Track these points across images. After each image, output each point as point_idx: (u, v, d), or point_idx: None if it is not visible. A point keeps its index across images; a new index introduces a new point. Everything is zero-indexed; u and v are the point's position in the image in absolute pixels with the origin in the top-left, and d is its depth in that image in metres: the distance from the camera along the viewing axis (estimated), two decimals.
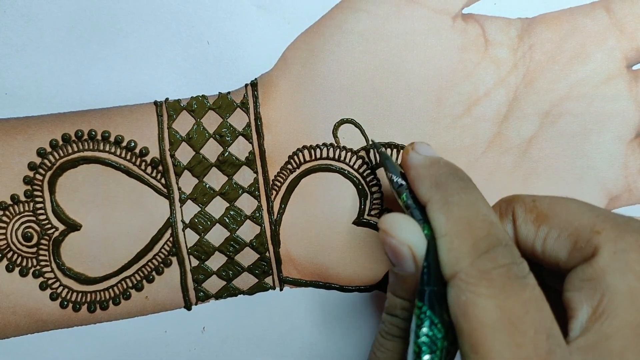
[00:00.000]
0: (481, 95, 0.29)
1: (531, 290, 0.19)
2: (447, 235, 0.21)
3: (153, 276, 0.30)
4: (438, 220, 0.21)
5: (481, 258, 0.20)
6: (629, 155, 0.29)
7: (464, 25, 0.29)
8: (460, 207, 0.21)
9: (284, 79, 0.29)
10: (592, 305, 0.20)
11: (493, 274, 0.19)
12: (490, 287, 0.19)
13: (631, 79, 0.29)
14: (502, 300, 0.19)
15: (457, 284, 0.20)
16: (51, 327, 0.30)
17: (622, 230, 0.21)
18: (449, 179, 0.22)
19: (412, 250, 0.21)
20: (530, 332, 0.19)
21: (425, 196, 0.22)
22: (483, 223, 0.21)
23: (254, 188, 0.30)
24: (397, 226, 0.22)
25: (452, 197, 0.21)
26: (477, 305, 0.19)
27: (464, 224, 0.21)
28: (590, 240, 0.21)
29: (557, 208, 0.23)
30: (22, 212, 0.29)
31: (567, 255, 0.22)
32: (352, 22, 0.28)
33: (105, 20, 0.29)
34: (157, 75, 0.29)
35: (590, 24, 0.28)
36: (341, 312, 0.31)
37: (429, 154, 0.24)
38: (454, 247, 0.20)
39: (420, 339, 0.20)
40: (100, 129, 0.29)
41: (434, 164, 0.23)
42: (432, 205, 0.22)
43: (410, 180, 0.24)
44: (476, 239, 0.20)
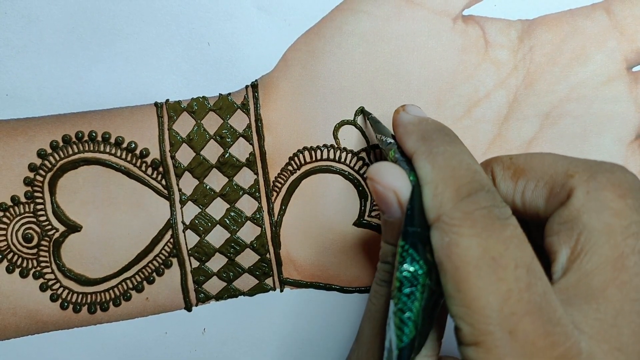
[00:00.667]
0: (481, 96, 0.29)
1: (512, 229, 0.20)
2: (432, 181, 0.21)
3: (153, 277, 0.30)
4: (423, 168, 0.22)
5: (464, 201, 0.20)
6: (629, 156, 0.29)
7: (465, 27, 0.29)
8: (445, 157, 0.22)
9: (284, 80, 0.29)
10: (570, 246, 0.21)
11: (475, 214, 0.20)
12: (473, 227, 0.19)
13: (631, 81, 0.29)
14: (484, 239, 0.19)
15: (440, 226, 0.20)
16: (51, 328, 0.30)
17: (595, 171, 0.21)
18: (435, 133, 0.23)
19: (397, 195, 0.22)
20: (510, 266, 0.19)
21: (411, 149, 0.23)
22: (467, 171, 0.21)
23: (254, 189, 0.30)
24: (383, 172, 0.22)
25: (437, 148, 0.22)
26: (460, 244, 0.19)
27: (448, 171, 0.21)
28: (565, 184, 0.22)
29: (533, 161, 0.23)
30: (23, 213, 0.29)
31: (545, 203, 0.22)
32: (352, 23, 0.28)
33: (106, 22, 0.29)
34: (158, 77, 0.29)
35: (590, 26, 0.28)
36: (341, 314, 0.31)
37: (418, 114, 0.25)
38: (438, 192, 0.21)
39: (401, 274, 0.20)
40: (101, 130, 0.29)
41: (422, 121, 0.24)
42: (418, 156, 0.22)
43: (399, 136, 0.24)
44: (460, 184, 0.21)
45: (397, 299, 0.20)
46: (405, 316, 0.20)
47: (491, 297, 0.19)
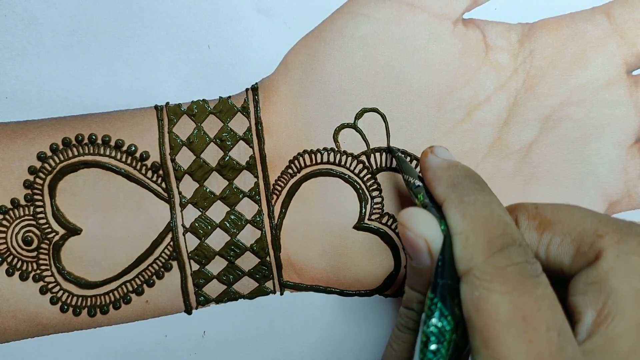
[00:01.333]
0: (482, 100, 0.29)
1: (544, 288, 0.20)
2: (463, 232, 0.21)
3: (153, 280, 0.30)
4: (454, 217, 0.21)
5: (496, 255, 0.20)
6: (628, 160, 0.29)
7: (465, 30, 0.29)
8: (476, 207, 0.21)
9: (284, 83, 0.29)
10: (597, 309, 0.20)
11: (507, 271, 0.20)
12: (504, 284, 0.19)
13: (631, 85, 0.29)
14: (516, 297, 0.19)
15: (471, 280, 0.20)
16: (51, 331, 0.30)
17: (625, 234, 0.21)
18: (465, 181, 0.23)
19: (428, 243, 0.22)
20: (542, 328, 0.19)
21: (441, 195, 0.23)
22: (498, 223, 0.21)
23: (254, 192, 0.30)
24: (415, 219, 0.22)
25: (468, 197, 0.22)
26: (490, 301, 0.19)
27: (479, 222, 0.21)
28: (594, 244, 0.21)
29: (559, 214, 0.23)
30: (23, 216, 0.29)
31: (571, 260, 0.22)
32: (352, 26, 0.28)
33: (106, 25, 0.29)
34: (158, 80, 0.29)
35: (590, 30, 0.28)
36: (341, 317, 0.31)
37: (447, 157, 0.25)
38: (470, 243, 0.20)
39: (429, 328, 0.20)
40: (101, 133, 0.29)
41: (452, 167, 0.24)
42: (449, 204, 0.22)
43: (428, 181, 0.24)
44: (491, 237, 0.20)
45: (423, 354, 0.20)
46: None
47: (521, 358, 0.18)
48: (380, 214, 0.29)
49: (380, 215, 0.29)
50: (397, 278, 0.30)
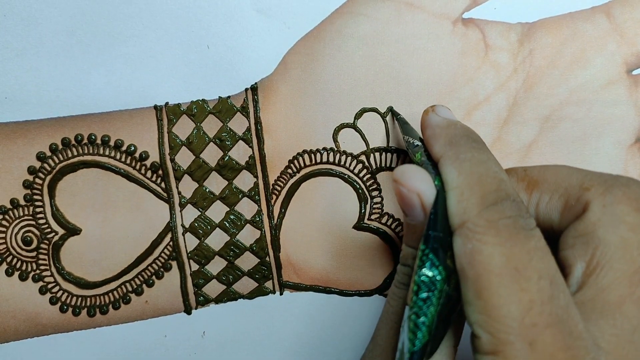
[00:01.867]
0: (481, 100, 0.29)
1: (536, 240, 0.20)
2: (458, 187, 0.21)
3: (153, 280, 0.30)
4: (449, 173, 0.22)
5: (489, 209, 0.20)
6: (628, 160, 0.29)
7: (464, 30, 0.29)
8: (472, 163, 0.21)
9: (284, 83, 0.29)
10: (586, 260, 0.21)
11: (500, 223, 0.20)
12: (497, 236, 0.19)
13: (631, 84, 0.29)
14: (508, 248, 0.19)
15: (464, 233, 0.20)
16: (51, 331, 0.30)
17: (610, 185, 0.21)
18: (463, 139, 0.23)
19: (421, 198, 0.22)
20: (534, 277, 0.19)
21: (438, 153, 0.23)
22: (493, 179, 0.21)
23: (254, 192, 0.30)
24: (408, 175, 0.22)
25: (465, 154, 0.22)
26: (483, 252, 0.19)
27: (474, 178, 0.21)
28: (580, 197, 0.22)
29: (547, 173, 0.23)
30: (22, 216, 0.29)
31: (560, 216, 0.22)
32: (352, 26, 0.28)
33: (105, 25, 0.29)
34: (157, 80, 0.29)
35: (590, 29, 0.28)
36: (341, 317, 0.31)
37: (447, 116, 0.25)
38: (464, 198, 0.21)
39: (420, 278, 0.20)
40: (100, 133, 0.29)
41: (451, 125, 0.24)
42: (445, 160, 0.22)
43: (426, 138, 0.24)
44: (485, 192, 0.21)
45: (413, 303, 0.20)
46: (420, 320, 0.20)
47: (513, 307, 0.18)
48: (380, 213, 0.29)
49: (380, 215, 0.29)
50: None
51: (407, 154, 0.29)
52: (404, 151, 0.29)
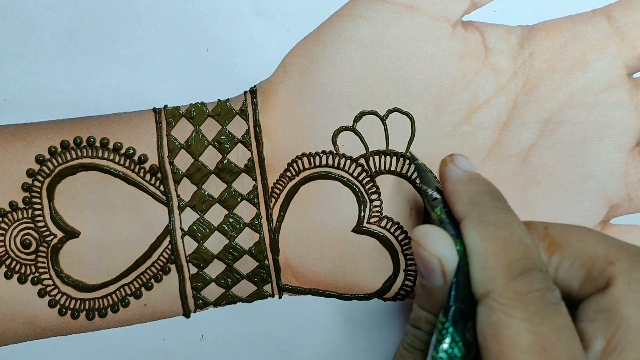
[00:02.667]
0: (481, 103, 0.29)
1: (564, 318, 0.19)
2: (482, 253, 0.20)
3: (152, 284, 0.30)
4: (473, 237, 0.21)
5: (516, 280, 0.20)
6: (629, 163, 0.29)
7: (464, 33, 0.28)
8: (497, 227, 0.21)
9: (283, 86, 0.29)
10: (607, 337, 0.20)
11: (528, 297, 0.19)
12: (525, 310, 0.19)
13: (632, 87, 0.28)
14: (536, 325, 0.19)
15: (489, 303, 0.19)
16: (49, 334, 0.30)
17: (637, 261, 0.21)
18: (486, 197, 0.22)
19: (442, 263, 0.21)
20: (561, 359, 0.18)
21: (461, 212, 0.22)
22: (519, 245, 0.20)
23: (253, 195, 0.29)
24: (430, 238, 0.21)
25: (489, 216, 0.21)
26: (509, 327, 0.19)
27: (500, 243, 0.20)
28: (604, 270, 0.21)
29: (570, 237, 0.22)
30: (21, 219, 0.29)
31: (580, 285, 0.22)
32: (351, 29, 0.28)
33: (104, 28, 0.29)
34: (156, 82, 0.29)
35: (590, 32, 0.28)
36: (340, 320, 0.31)
37: (468, 169, 0.24)
38: (488, 265, 0.20)
39: (438, 354, 0.20)
40: (99, 135, 0.29)
41: (472, 181, 0.23)
42: (468, 222, 0.21)
43: (447, 194, 0.23)
44: (512, 259, 0.20)
45: None
46: None
47: None
48: (379, 217, 0.29)
49: (379, 219, 0.29)
50: (396, 282, 0.30)
51: (409, 160, 0.29)
52: (404, 155, 0.29)
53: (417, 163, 0.27)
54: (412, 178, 0.29)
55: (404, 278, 0.30)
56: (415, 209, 0.29)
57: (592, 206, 0.29)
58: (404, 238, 0.29)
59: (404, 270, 0.30)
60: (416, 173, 0.27)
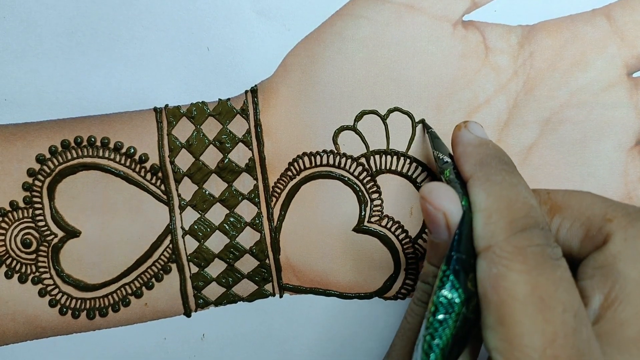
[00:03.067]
0: (481, 102, 0.29)
1: (563, 271, 0.20)
2: (486, 209, 0.21)
3: (152, 283, 0.30)
4: (478, 194, 0.21)
5: (517, 235, 0.20)
6: (629, 162, 0.29)
7: (465, 33, 0.28)
8: (502, 186, 0.21)
9: (284, 85, 0.29)
10: (604, 292, 0.20)
11: (527, 251, 0.20)
12: (524, 263, 0.19)
13: (631, 87, 0.29)
14: (534, 277, 0.19)
15: (489, 257, 0.20)
16: (50, 333, 0.30)
17: (634, 218, 0.21)
18: (494, 160, 0.23)
19: (446, 217, 0.22)
20: (558, 309, 0.19)
21: (468, 172, 0.23)
22: (523, 204, 0.21)
23: (253, 195, 0.29)
24: (435, 193, 0.22)
25: (495, 176, 0.22)
26: (508, 278, 0.19)
27: (504, 201, 0.21)
28: (602, 228, 0.22)
29: (570, 199, 0.23)
30: (21, 219, 0.29)
31: (580, 244, 0.22)
32: (352, 29, 0.28)
33: (105, 27, 0.29)
34: (157, 82, 0.29)
35: (590, 32, 0.28)
36: (341, 319, 0.31)
37: (480, 134, 0.25)
38: (492, 221, 0.20)
39: (438, 298, 0.20)
40: (100, 135, 0.29)
41: (482, 144, 0.24)
42: (474, 181, 0.22)
43: (457, 156, 0.24)
44: (514, 217, 0.20)
45: (429, 323, 0.20)
46: (435, 342, 0.20)
47: (536, 337, 0.18)
48: (380, 216, 0.29)
49: (379, 218, 0.29)
50: (397, 281, 0.30)
51: (411, 159, 0.29)
52: (404, 154, 0.29)
53: (430, 131, 0.28)
54: (412, 177, 0.29)
55: (405, 277, 0.30)
56: (416, 208, 0.29)
57: None
58: (405, 237, 0.29)
59: (404, 269, 0.30)
60: (429, 140, 0.28)
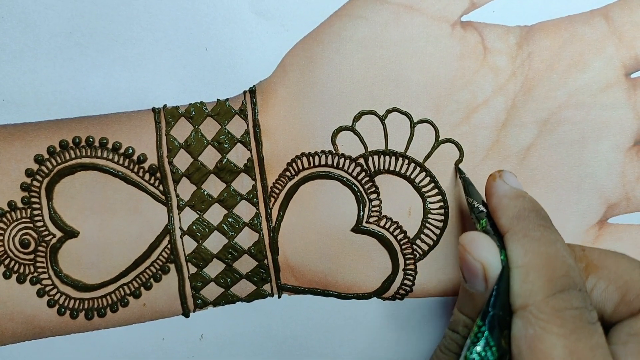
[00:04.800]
0: (480, 103, 0.29)
1: (599, 337, 0.20)
2: (524, 266, 0.21)
3: (151, 283, 0.30)
4: (516, 250, 0.21)
5: (556, 296, 0.20)
6: (627, 163, 0.29)
7: (463, 33, 0.28)
8: (540, 243, 0.21)
9: (282, 86, 0.29)
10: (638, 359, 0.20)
11: (566, 314, 0.19)
12: (562, 327, 0.19)
13: (629, 87, 0.29)
14: (572, 342, 0.19)
15: (526, 316, 0.20)
16: (48, 334, 0.30)
17: None
18: (532, 214, 0.23)
19: (485, 269, 0.22)
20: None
21: (505, 226, 0.23)
22: (562, 263, 0.21)
23: (252, 195, 0.29)
24: (475, 243, 0.22)
25: (533, 232, 0.22)
26: (545, 341, 0.19)
27: (542, 259, 0.21)
28: None
29: (607, 260, 0.23)
30: (20, 219, 0.29)
31: (614, 307, 0.22)
32: (350, 29, 0.28)
33: (104, 27, 0.29)
34: (156, 82, 0.29)
35: (589, 32, 0.28)
36: (339, 320, 0.31)
37: (515, 185, 0.25)
38: (529, 279, 0.20)
39: (471, 355, 0.20)
40: (98, 135, 0.29)
41: (519, 197, 0.24)
42: (512, 236, 0.22)
43: (492, 208, 0.24)
44: (553, 276, 0.20)
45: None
46: None
47: None
48: (378, 216, 0.29)
49: (378, 218, 0.29)
50: (395, 281, 0.30)
51: (409, 160, 0.29)
52: (403, 154, 0.29)
53: (464, 177, 0.28)
54: (411, 178, 0.29)
55: (403, 277, 0.30)
56: (414, 208, 0.29)
57: (590, 205, 0.29)
58: (403, 237, 0.29)
59: (402, 269, 0.30)
60: (462, 186, 0.28)
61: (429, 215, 0.29)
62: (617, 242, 0.29)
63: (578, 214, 0.29)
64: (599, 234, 0.29)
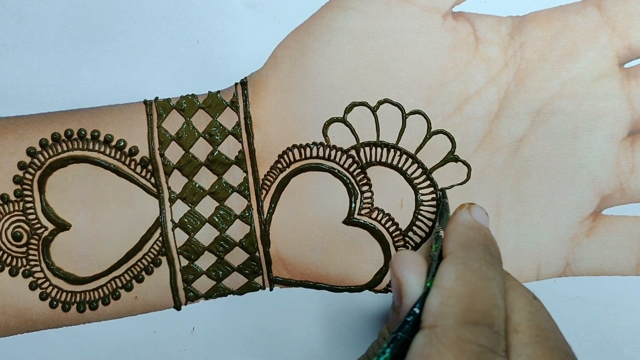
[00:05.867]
0: (472, 93, 0.28)
1: None
2: (449, 290, 0.20)
3: (142, 276, 0.30)
4: (448, 273, 0.21)
5: (466, 326, 0.19)
6: (620, 154, 0.29)
7: (455, 24, 0.28)
8: (474, 275, 0.21)
9: (274, 77, 0.29)
10: None
11: (467, 346, 0.19)
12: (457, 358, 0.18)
13: (623, 77, 0.28)
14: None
15: (430, 336, 0.19)
16: (41, 327, 0.30)
17: None
18: (479, 247, 0.22)
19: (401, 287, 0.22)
20: None
21: (449, 249, 0.22)
22: (488, 300, 0.20)
23: (243, 187, 0.29)
24: (401, 260, 0.22)
25: (473, 262, 0.21)
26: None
27: (469, 289, 0.20)
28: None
29: None
30: (12, 212, 0.29)
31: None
32: (342, 20, 0.28)
33: (96, 20, 0.29)
34: (147, 75, 0.29)
35: (581, 22, 0.28)
36: (331, 312, 0.31)
37: (478, 219, 0.24)
38: (449, 302, 0.20)
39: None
40: (90, 128, 0.29)
41: (474, 228, 0.23)
42: (451, 260, 0.21)
43: (446, 232, 0.23)
44: (472, 308, 0.20)
45: None
46: None
47: None
48: (370, 208, 0.29)
49: (369, 210, 0.29)
50: (387, 273, 0.30)
51: (401, 151, 0.29)
52: (394, 146, 0.29)
53: (445, 202, 0.27)
54: (403, 169, 0.29)
55: None
56: (406, 200, 0.29)
57: (583, 197, 0.29)
58: (395, 230, 0.29)
59: None
60: (438, 211, 0.27)
61: (421, 207, 0.29)
62: (612, 234, 0.29)
63: (572, 205, 0.29)
64: (593, 225, 0.29)
